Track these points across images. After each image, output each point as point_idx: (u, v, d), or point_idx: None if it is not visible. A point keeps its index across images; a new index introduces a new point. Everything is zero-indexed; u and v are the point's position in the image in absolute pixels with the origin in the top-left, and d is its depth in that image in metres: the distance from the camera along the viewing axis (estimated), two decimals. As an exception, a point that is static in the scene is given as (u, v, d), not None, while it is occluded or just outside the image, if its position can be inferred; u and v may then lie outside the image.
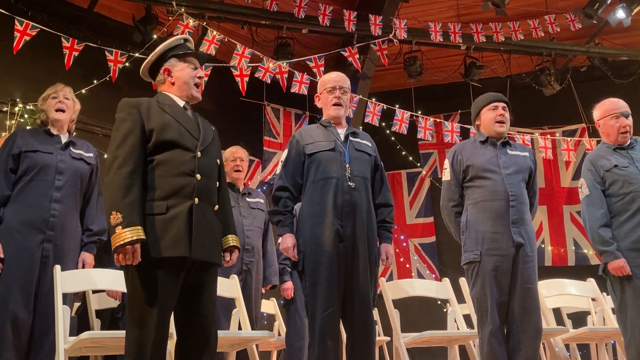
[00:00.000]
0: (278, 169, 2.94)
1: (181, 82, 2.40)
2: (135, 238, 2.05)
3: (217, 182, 2.38)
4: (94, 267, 3.15)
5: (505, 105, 3.25)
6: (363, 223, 2.78)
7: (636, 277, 2.98)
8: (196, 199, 2.21)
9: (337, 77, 3.01)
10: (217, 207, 2.33)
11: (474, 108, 3.35)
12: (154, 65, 2.47)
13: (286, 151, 2.94)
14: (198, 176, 2.24)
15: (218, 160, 2.42)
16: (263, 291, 4.09)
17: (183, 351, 2.23)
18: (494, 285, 2.98)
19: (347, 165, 2.83)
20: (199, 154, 2.28)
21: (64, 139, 3.14)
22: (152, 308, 2.08)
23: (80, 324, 3.23)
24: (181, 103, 2.40)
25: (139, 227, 2.07)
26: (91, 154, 3.20)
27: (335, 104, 2.95)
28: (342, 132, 2.96)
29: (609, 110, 3.29)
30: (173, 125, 2.28)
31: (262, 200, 4.15)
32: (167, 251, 2.12)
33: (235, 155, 4.07)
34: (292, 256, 2.78)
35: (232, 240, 2.42)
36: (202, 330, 2.23)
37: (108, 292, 3.29)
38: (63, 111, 3.13)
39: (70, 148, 3.12)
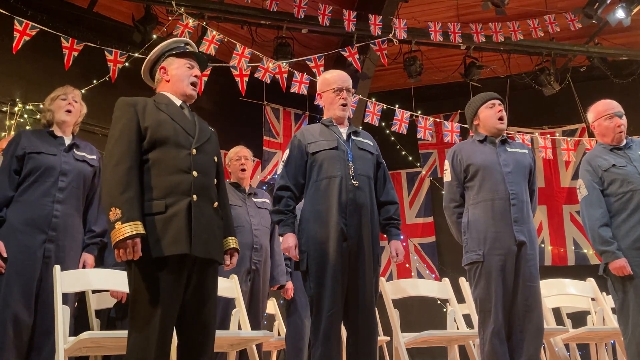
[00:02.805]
0: (279, 169, 2.92)
1: (176, 79, 2.42)
2: (135, 233, 2.04)
3: (215, 180, 2.38)
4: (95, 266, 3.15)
5: (500, 102, 3.27)
6: (367, 222, 2.77)
7: (637, 277, 2.97)
8: (194, 196, 2.21)
9: (342, 77, 3.00)
10: (216, 204, 2.33)
11: (470, 109, 3.35)
12: (154, 66, 2.49)
13: (288, 151, 2.92)
14: (194, 173, 2.24)
15: (215, 158, 2.42)
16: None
17: (180, 350, 2.21)
18: (498, 285, 2.97)
19: (351, 164, 2.82)
20: (194, 151, 2.28)
21: (67, 140, 3.14)
22: (156, 308, 2.07)
23: (76, 325, 3.22)
24: (178, 102, 2.41)
25: (139, 222, 2.07)
26: (94, 156, 3.20)
27: (343, 105, 2.95)
28: (344, 131, 2.95)
29: (602, 112, 3.32)
30: (168, 123, 2.28)
31: (267, 200, 4.15)
32: (168, 249, 2.11)
33: (239, 154, 4.06)
34: (293, 256, 2.76)
35: (232, 242, 2.42)
36: (199, 329, 2.22)
37: (112, 292, 3.28)
38: (70, 112, 3.14)
39: (74, 150, 3.12)
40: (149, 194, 2.17)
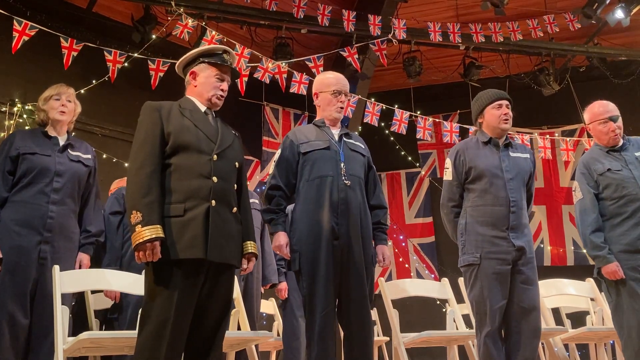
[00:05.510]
0: (271, 169, 2.94)
1: (202, 89, 2.45)
2: (154, 236, 2.10)
3: (236, 185, 2.41)
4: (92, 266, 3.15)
5: (508, 102, 3.23)
6: (358, 221, 2.78)
7: (630, 279, 2.99)
8: (213, 201, 2.25)
9: (342, 80, 3.01)
10: (235, 209, 2.36)
11: (477, 105, 3.28)
12: (187, 65, 2.51)
13: (279, 151, 2.94)
14: (214, 179, 2.28)
15: (237, 164, 2.44)
16: (262, 290, 4.10)
17: (187, 351, 2.23)
18: (493, 289, 2.97)
19: (342, 164, 2.84)
20: (215, 157, 2.32)
21: (62, 140, 3.13)
22: (170, 309, 2.09)
23: (74, 324, 3.21)
24: (202, 108, 2.45)
25: (158, 226, 2.12)
26: (89, 156, 3.19)
27: (340, 108, 2.97)
28: (336, 132, 2.98)
29: (597, 115, 3.31)
30: (191, 129, 2.33)
31: (257, 201, 4.16)
32: (184, 253, 2.15)
33: None
34: (284, 254, 2.78)
35: (250, 247, 2.43)
36: (209, 331, 2.25)
37: (105, 292, 3.28)
38: (64, 113, 3.13)
39: (68, 150, 3.11)
40: (169, 197, 2.22)
